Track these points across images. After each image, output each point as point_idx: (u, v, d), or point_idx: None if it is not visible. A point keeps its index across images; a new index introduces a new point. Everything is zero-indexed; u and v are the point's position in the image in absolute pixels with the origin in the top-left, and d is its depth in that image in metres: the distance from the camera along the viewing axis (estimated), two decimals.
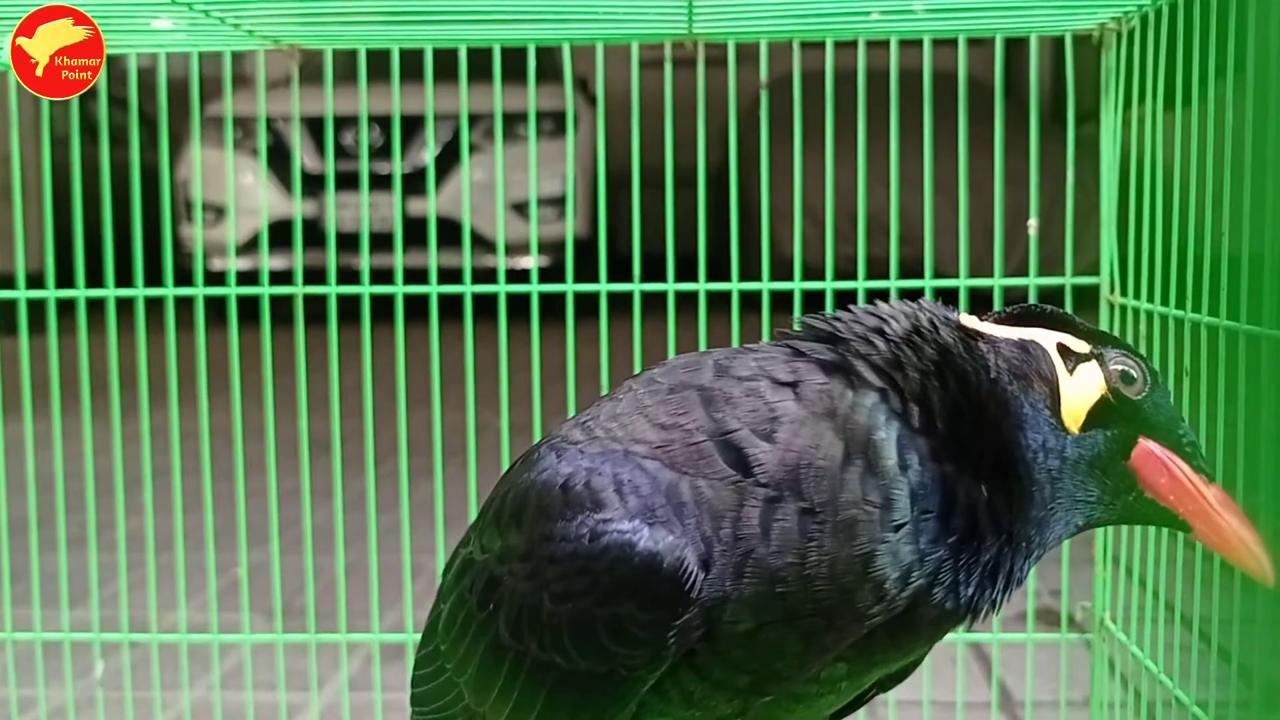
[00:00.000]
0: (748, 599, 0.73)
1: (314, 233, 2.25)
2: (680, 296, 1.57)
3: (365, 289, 1.59)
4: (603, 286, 1.55)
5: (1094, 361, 0.81)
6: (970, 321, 0.83)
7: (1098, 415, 0.80)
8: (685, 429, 0.77)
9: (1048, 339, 0.82)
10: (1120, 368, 0.82)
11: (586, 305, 1.57)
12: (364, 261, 1.60)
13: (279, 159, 5.47)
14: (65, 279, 1.59)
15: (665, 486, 0.75)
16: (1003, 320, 0.84)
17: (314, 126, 5.32)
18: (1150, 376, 0.82)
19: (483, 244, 3.70)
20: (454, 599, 0.88)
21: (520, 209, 4.99)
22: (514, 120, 3.45)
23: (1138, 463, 0.80)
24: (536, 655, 0.78)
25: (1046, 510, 0.78)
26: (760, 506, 0.73)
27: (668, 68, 1.51)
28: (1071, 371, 0.81)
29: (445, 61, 1.59)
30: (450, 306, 1.58)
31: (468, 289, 1.56)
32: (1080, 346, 0.82)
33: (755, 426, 0.76)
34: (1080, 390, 0.80)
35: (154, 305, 1.59)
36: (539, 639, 0.77)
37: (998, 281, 1.53)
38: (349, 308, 1.63)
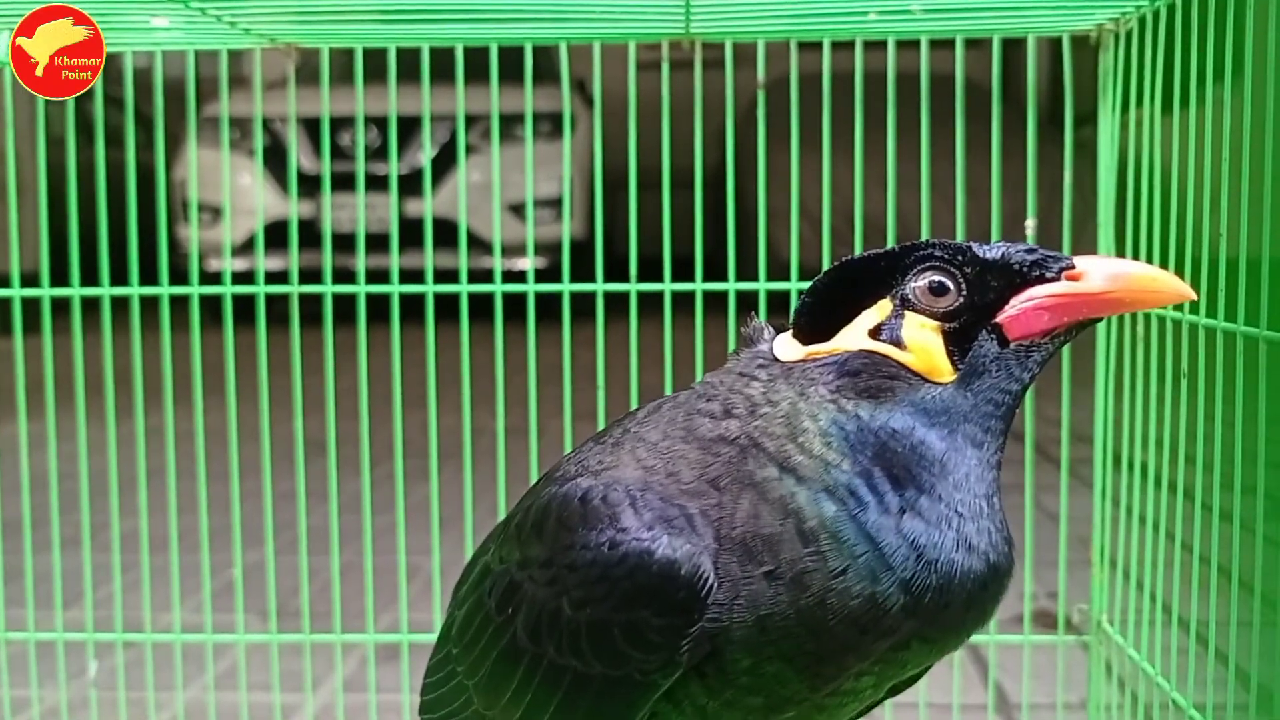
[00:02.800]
0: (740, 640, 0.75)
1: (311, 234, 2.25)
2: (677, 297, 1.56)
3: (361, 288, 1.58)
4: (599, 287, 1.55)
5: (903, 313, 0.80)
6: (788, 351, 0.82)
7: (958, 338, 0.79)
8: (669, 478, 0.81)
9: (859, 333, 0.80)
10: (924, 292, 0.80)
11: (583, 306, 1.57)
12: (360, 262, 1.60)
13: (276, 159, 5.47)
14: (61, 279, 1.58)
15: (676, 505, 0.77)
16: (810, 328, 0.82)
17: (311, 127, 5.31)
18: (958, 258, 0.80)
19: (480, 245, 3.71)
20: (471, 603, 0.90)
21: (517, 210, 4.99)
22: (511, 121, 3.45)
23: (1015, 334, 0.79)
24: (553, 659, 0.80)
25: (972, 450, 0.78)
26: (735, 564, 0.75)
27: (665, 68, 1.50)
28: (898, 341, 0.79)
29: (442, 62, 1.59)
30: (447, 308, 1.57)
31: (464, 288, 1.56)
32: (882, 311, 0.80)
33: (706, 509, 0.77)
34: (919, 346, 0.79)
35: (149, 306, 1.59)
36: (557, 643, 0.79)
37: None
38: (346, 309, 1.62)
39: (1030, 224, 1.55)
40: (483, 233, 4.29)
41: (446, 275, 1.59)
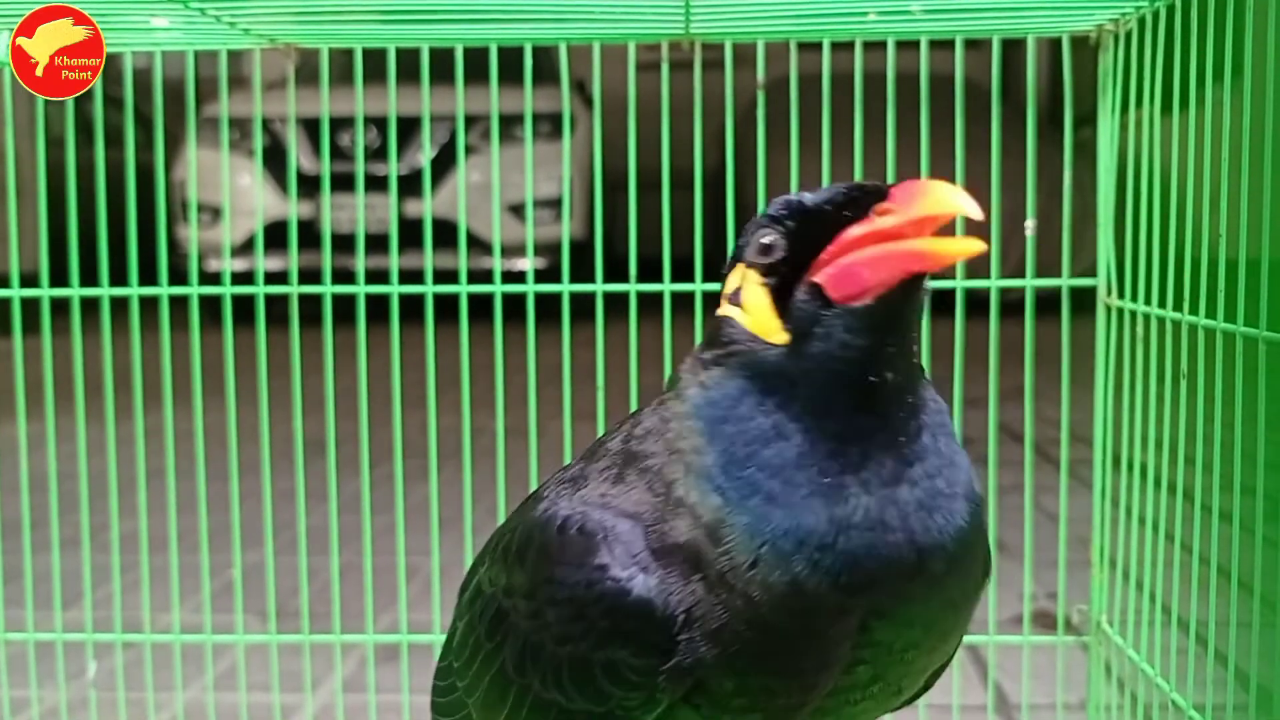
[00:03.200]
0: (714, 663, 0.74)
1: (310, 234, 2.25)
2: (677, 297, 1.56)
3: (360, 289, 1.59)
4: (599, 287, 1.55)
5: (739, 270, 0.78)
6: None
7: (782, 294, 0.75)
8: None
9: (724, 299, 0.79)
10: (756, 248, 0.77)
11: (583, 307, 1.57)
12: (359, 262, 1.60)
13: (275, 160, 5.47)
14: (60, 279, 1.58)
15: (644, 534, 0.76)
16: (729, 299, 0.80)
17: (311, 127, 5.31)
18: (782, 210, 0.76)
19: (480, 246, 3.70)
20: (466, 622, 0.90)
21: (517, 210, 4.99)
22: (511, 122, 3.45)
23: (837, 294, 0.73)
24: (539, 692, 0.79)
25: (810, 419, 0.73)
26: (678, 582, 0.74)
27: (664, 69, 1.50)
28: (741, 303, 0.77)
29: (442, 62, 1.59)
30: (447, 308, 1.57)
31: (463, 289, 1.56)
32: (739, 273, 0.78)
33: (656, 529, 0.76)
34: (751, 305, 0.76)
35: (149, 306, 1.59)
36: (541, 677, 0.79)
37: (994, 283, 1.53)
38: (345, 309, 1.62)
39: (1030, 224, 1.55)
40: (482, 233, 4.28)
41: (446, 276, 1.59)
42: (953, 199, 0.70)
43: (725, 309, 0.79)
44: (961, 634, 0.82)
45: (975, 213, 0.69)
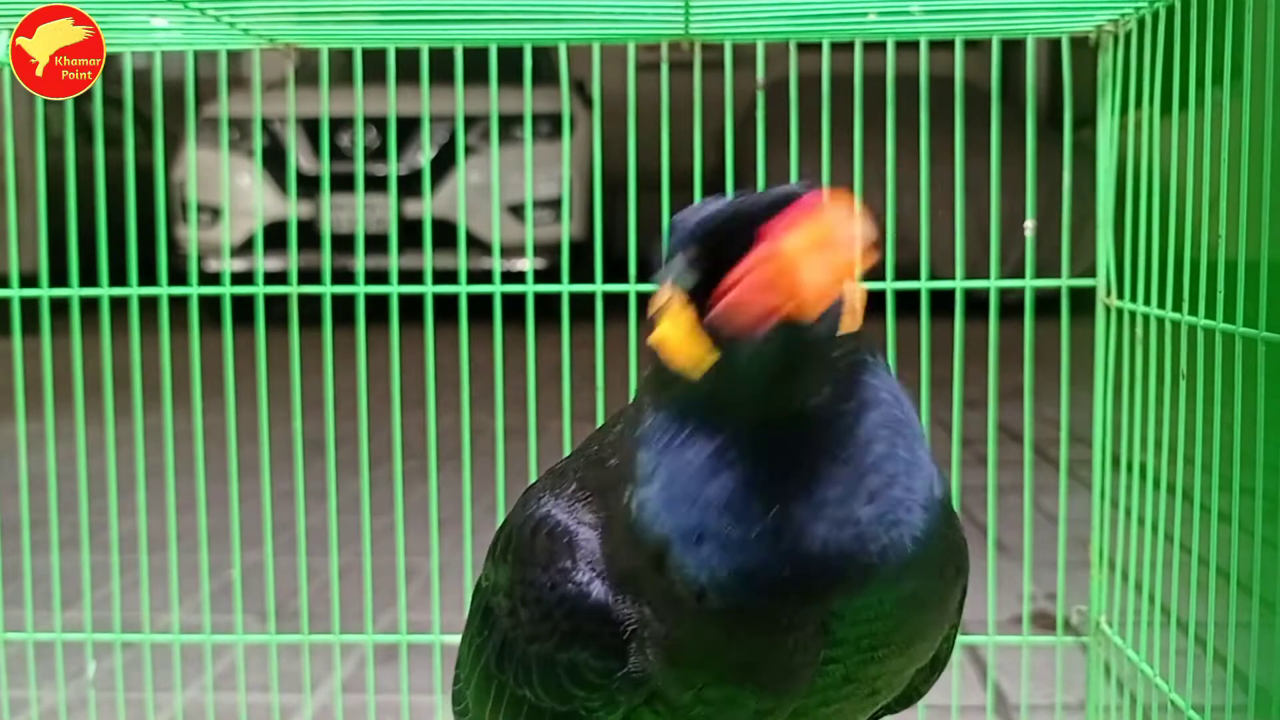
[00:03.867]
0: (666, 678, 0.74)
1: (310, 234, 2.25)
2: None
3: (360, 289, 1.59)
4: (599, 287, 1.55)
5: (666, 286, 0.71)
6: None
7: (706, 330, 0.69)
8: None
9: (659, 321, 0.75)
10: (676, 269, 0.69)
11: (583, 307, 1.57)
12: (359, 262, 1.60)
13: (275, 160, 5.47)
14: (59, 279, 1.58)
15: (604, 542, 0.77)
16: None
17: (310, 128, 5.31)
18: (697, 229, 0.69)
19: (479, 246, 3.70)
20: (469, 615, 0.92)
21: (516, 211, 4.99)
22: (510, 122, 3.45)
23: (726, 329, 0.67)
24: (513, 689, 0.81)
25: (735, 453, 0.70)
26: (629, 601, 0.75)
27: (664, 69, 1.50)
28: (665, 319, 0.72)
29: (442, 63, 1.59)
30: (447, 309, 1.57)
31: (463, 289, 1.56)
32: (664, 291, 0.71)
33: (606, 537, 0.77)
34: (671, 329, 0.69)
35: (148, 306, 1.59)
36: (514, 673, 0.81)
37: (994, 284, 1.53)
38: (345, 309, 1.63)
39: (1029, 225, 1.55)
40: (482, 233, 4.29)
41: (445, 276, 1.59)
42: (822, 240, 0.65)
43: (656, 331, 0.73)
44: (937, 635, 0.81)
45: (855, 243, 0.65)
